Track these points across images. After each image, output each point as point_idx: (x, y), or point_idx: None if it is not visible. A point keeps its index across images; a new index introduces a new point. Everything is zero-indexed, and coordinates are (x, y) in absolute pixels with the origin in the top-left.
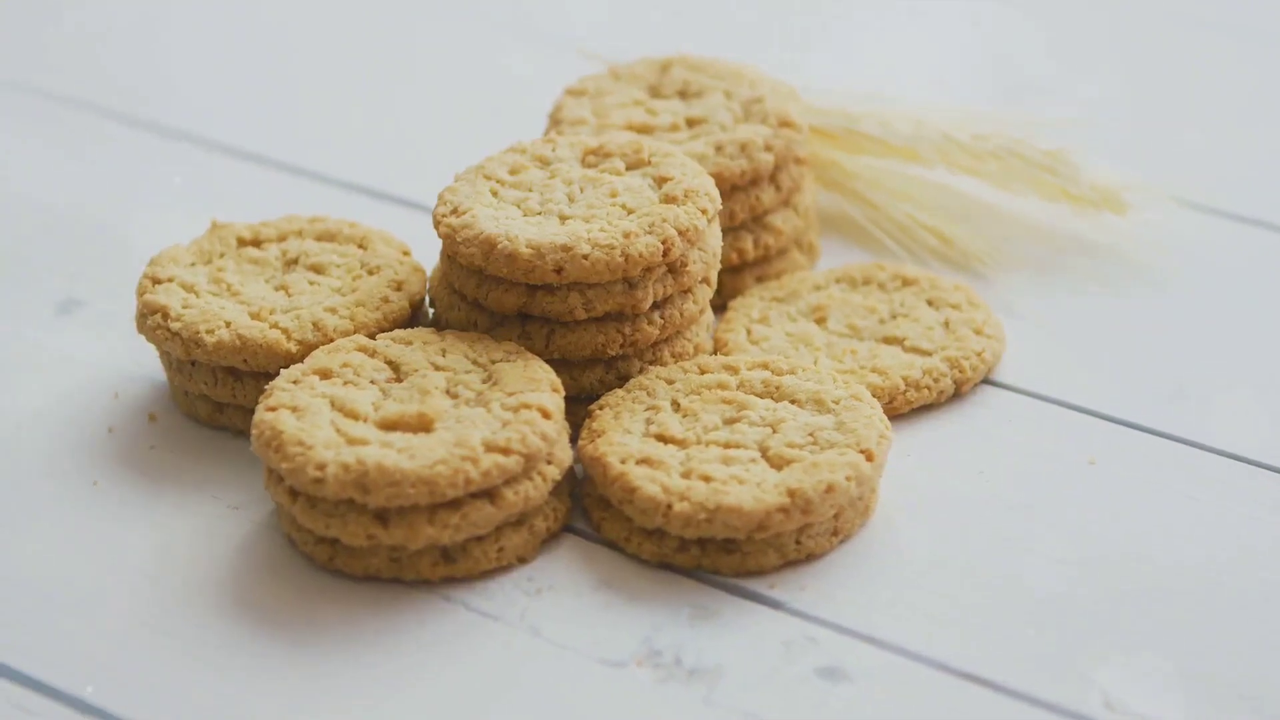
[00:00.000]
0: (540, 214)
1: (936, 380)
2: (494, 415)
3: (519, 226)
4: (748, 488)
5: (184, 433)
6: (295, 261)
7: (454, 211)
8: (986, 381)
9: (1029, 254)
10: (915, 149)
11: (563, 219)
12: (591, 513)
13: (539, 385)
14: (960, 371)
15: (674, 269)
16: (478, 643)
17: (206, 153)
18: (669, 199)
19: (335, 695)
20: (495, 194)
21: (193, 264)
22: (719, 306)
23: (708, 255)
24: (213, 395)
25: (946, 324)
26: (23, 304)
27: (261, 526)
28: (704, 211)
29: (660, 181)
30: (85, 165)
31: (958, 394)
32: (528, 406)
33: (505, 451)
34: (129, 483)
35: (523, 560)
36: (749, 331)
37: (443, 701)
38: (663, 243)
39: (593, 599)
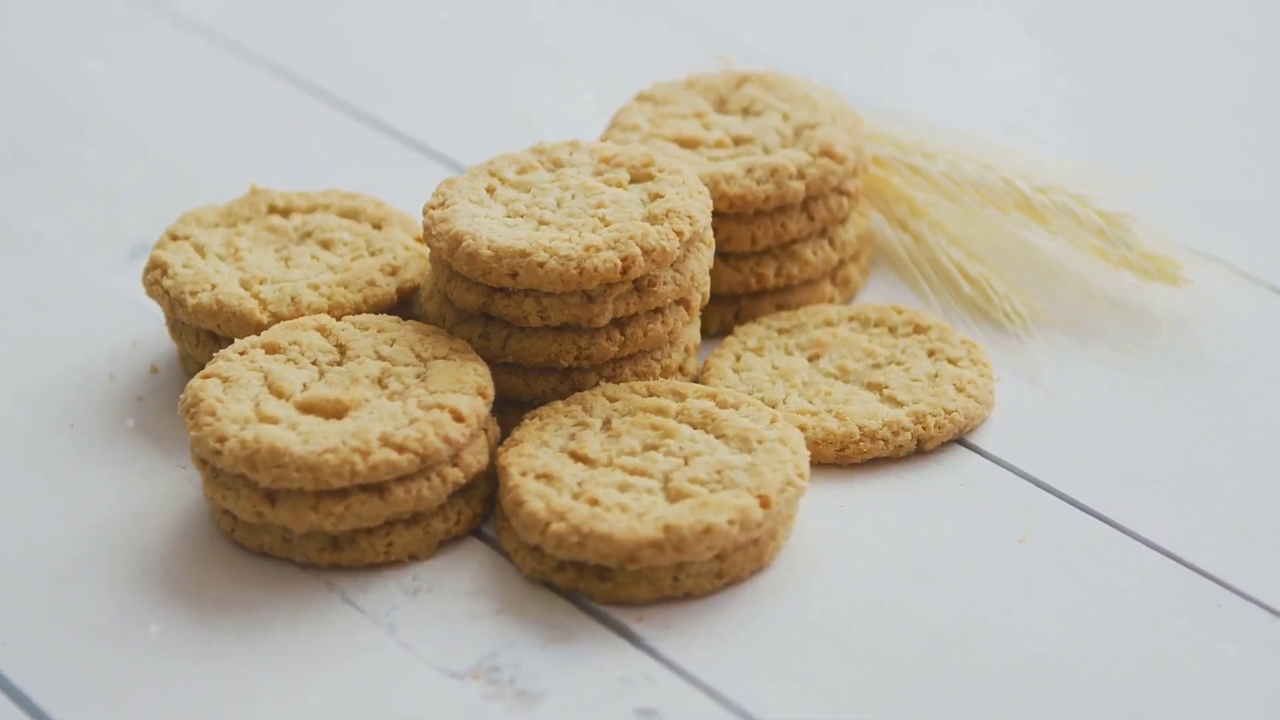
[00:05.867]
0: (523, 217)
1: (896, 434)
2: (406, 411)
3: (491, 227)
4: (628, 517)
5: (175, 388)
6: (309, 235)
7: (442, 204)
8: (961, 443)
9: (1073, 316)
10: (968, 193)
11: (541, 224)
12: (498, 520)
13: (463, 387)
14: (924, 428)
15: (640, 287)
16: (332, 632)
17: (334, 112)
18: (650, 217)
19: (173, 658)
20: (491, 191)
21: (215, 225)
22: (726, 331)
23: (684, 278)
24: (195, 356)
25: (935, 377)
26: (103, 243)
27: (200, 490)
28: (679, 233)
29: (652, 198)
30: (215, 110)
31: (921, 450)
32: (441, 407)
33: (400, 449)
34: (102, 429)
35: (415, 558)
36: (737, 358)
37: (266, 682)
38: (623, 260)
39: (462, 606)
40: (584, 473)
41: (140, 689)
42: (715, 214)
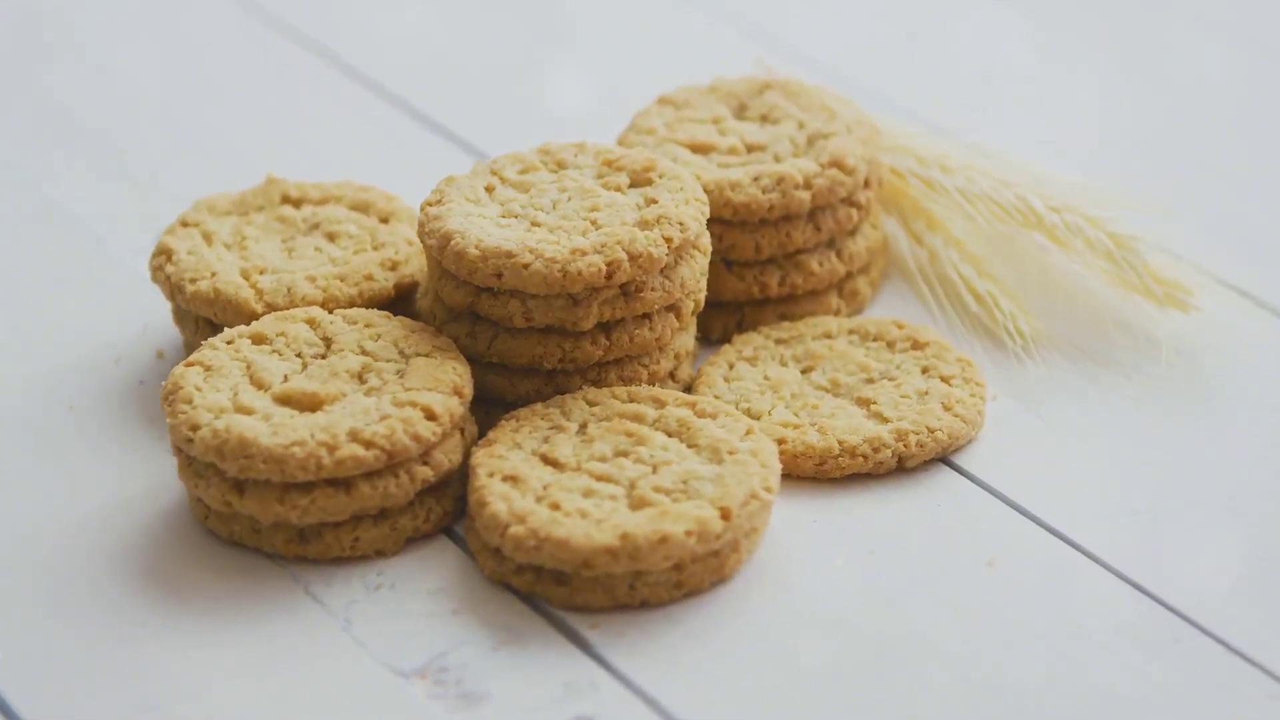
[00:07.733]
0: (517, 218)
1: (876, 450)
2: (379, 407)
3: (482, 227)
4: (587, 523)
5: None
6: (317, 226)
7: (439, 201)
8: (945, 463)
9: (1079, 339)
10: (980, 209)
11: (534, 226)
12: (467, 520)
13: (439, 386)
14: (905, 446)
15: (627, 293)
16: (290, 624)
17: (383, 103)
18: (642, 222)
19: (131, 643)
20: (490, 190)
21: (227, 213)
22: (727, 339)
23: (674, 285)
24: (194, 344)
25: (925, 395)
26: (135, 226)
27: None
28: (669, 240)
29: (648, 203)
30: (256, 98)
31: (903, 468)
32: (414, 405)
33: (368, 445)
34: (99, 412)
35: (381, 554)
36: (730, 367)
37: (215, 672)
38: (607, 265)
39: (420, 605)
40: (551, 476)
41: (94, 671)
42: (720, 221)
